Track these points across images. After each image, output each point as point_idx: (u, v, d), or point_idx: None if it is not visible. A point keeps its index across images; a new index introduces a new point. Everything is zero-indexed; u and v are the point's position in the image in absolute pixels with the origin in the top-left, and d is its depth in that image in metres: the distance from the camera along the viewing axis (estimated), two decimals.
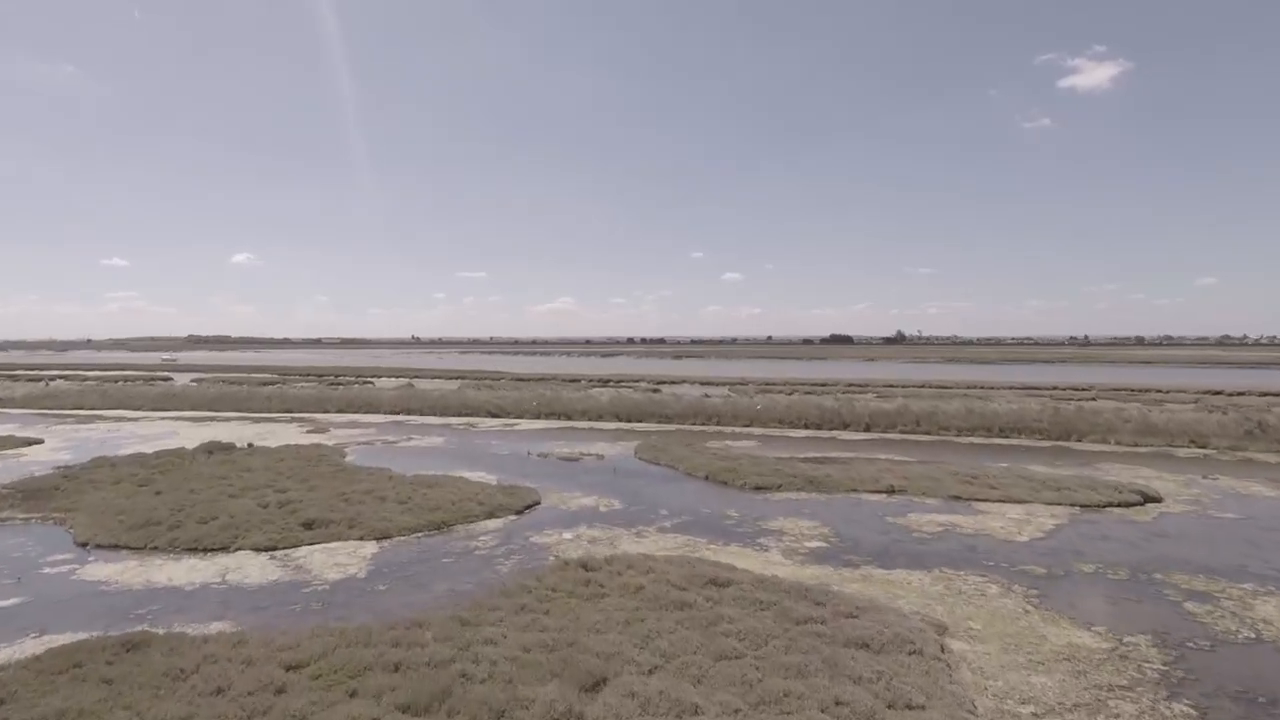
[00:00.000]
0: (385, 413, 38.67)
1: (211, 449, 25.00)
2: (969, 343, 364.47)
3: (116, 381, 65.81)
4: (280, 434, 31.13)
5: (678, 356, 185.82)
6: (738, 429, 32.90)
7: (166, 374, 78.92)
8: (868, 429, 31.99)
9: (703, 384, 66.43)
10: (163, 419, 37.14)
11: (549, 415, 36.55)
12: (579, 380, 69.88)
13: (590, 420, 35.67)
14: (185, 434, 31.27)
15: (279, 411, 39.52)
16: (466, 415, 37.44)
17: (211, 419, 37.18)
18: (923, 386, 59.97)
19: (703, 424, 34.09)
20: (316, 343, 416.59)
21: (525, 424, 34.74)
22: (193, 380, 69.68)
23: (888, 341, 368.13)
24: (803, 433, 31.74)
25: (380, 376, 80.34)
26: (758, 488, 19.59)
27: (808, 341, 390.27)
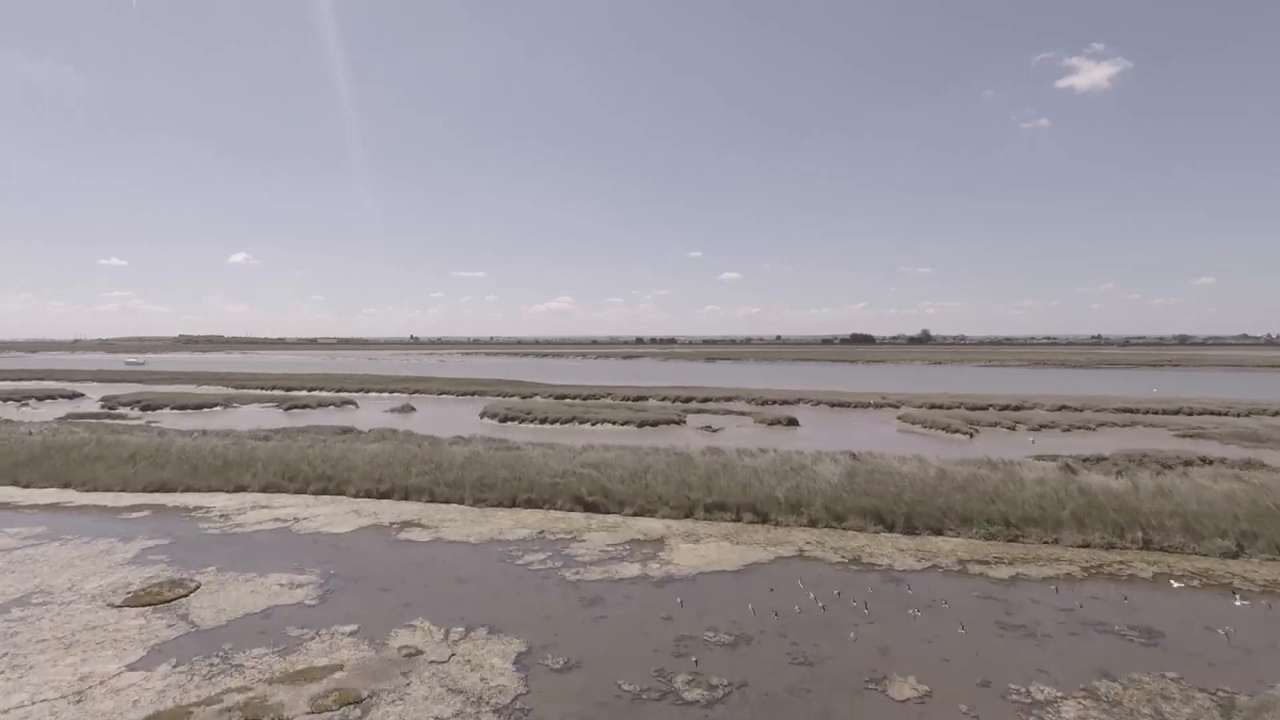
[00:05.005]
0: (358, 494, 18.70)
1: None
2: (997, 342, 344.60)
3: None
4: (46, 614, 11.23)
5: (710, 359, 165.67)
6: (1176, 561, 13.00)
7: (76, 391, 58.77)
8: None
9: (833, 404, 46.48)
10: None
11: (715, 509, 16.59)
12: (645, 398, 49.95)
13: (818, 528, 15.74)
14: None
15: (141, 491, 19.48)
16: (535, 505, 17.50)
17: None
18: (1155, 412, 40.16)
19: (1091, 541, 14.17)
20: (312, 343, 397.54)
21: (682, 542, 14.74)
22: (100, 400, 49.78)
23: (912, 341, 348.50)
24: None
25: (370, 390, 60.32)
26: None
27: (827, 341, 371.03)
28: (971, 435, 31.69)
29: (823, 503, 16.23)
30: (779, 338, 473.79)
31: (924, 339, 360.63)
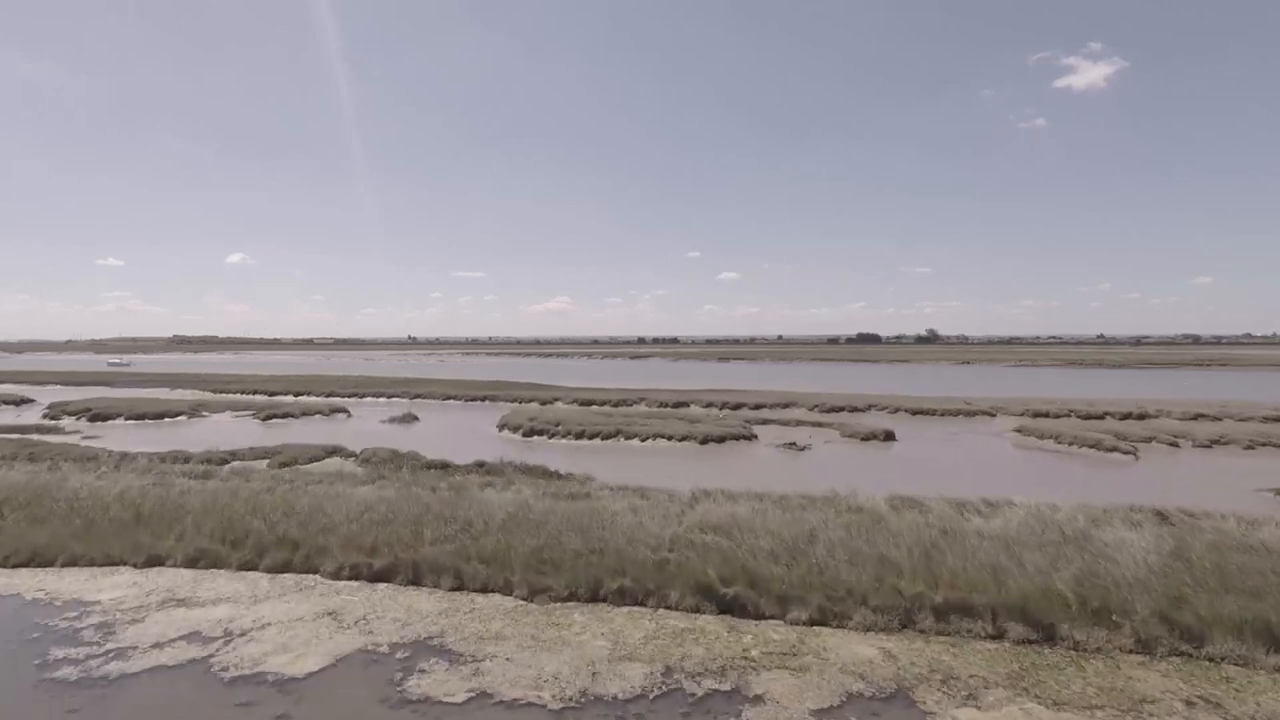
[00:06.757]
0: (338, 573, 11.67)
1: None
2: (1004, 341, 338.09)
3: None
4: None
5: (723, 359, 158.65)
6: None
7: (26, 397, 51.62)
8: None
9: (913, 412, 39.47)
10: None
11: (952, 615, 9.61)
12: (686, 404, 42.99)
13: (1158, 657, 8.76)
14: None
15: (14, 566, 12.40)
16: (633, 600, 10.46)
17: None
18: None
19: None
20: (308, 343, 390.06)
21: (951, 704, 7.76)
22: (46, 408, 42.66)
23: (920, 341, 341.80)
24: None
25: (365, 394, 53.27)
26: None
27: (833, 341, 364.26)
28: (1136, 455, 24.72)
29: (1151, 607, 9.24)
30: (780, 337, 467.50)
31: (932, 338, 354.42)
